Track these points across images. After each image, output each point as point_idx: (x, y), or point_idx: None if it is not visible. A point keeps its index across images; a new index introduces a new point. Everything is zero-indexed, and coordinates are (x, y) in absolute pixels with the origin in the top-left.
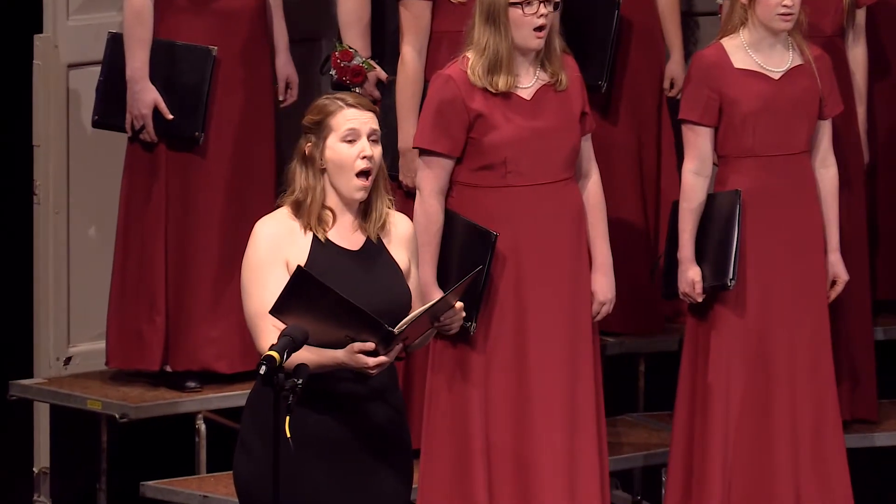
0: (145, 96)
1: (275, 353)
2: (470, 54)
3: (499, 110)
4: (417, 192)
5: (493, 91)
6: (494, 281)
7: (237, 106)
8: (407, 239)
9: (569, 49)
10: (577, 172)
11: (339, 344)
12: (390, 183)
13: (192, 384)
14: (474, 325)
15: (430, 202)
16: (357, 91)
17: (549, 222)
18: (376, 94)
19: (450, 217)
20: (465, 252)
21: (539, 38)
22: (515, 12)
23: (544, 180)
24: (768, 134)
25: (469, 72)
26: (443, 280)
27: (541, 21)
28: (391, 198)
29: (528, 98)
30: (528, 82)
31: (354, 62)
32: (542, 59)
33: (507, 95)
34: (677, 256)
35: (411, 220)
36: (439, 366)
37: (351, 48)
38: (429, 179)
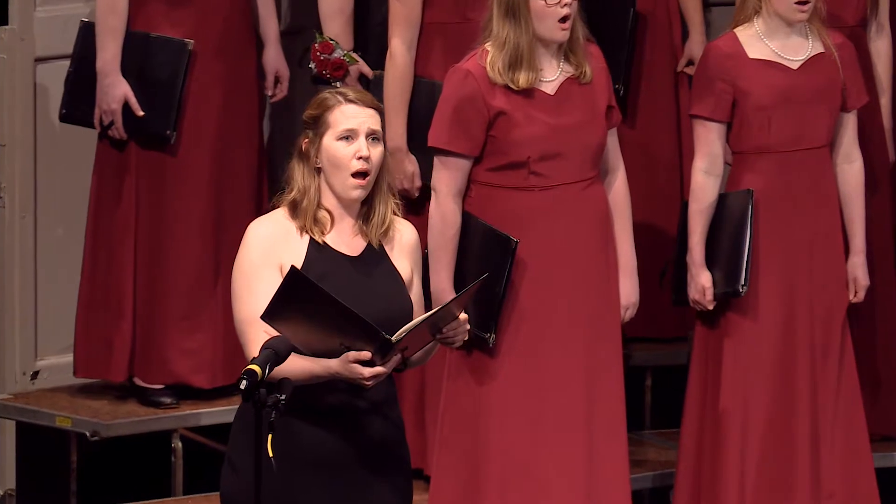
0: (115, 90)
1: (256, 367)
2: (489, 48)
3: (521, 107)
4: (433, 193)
5: (515, 88)
6: (514, 289)
7: (216, 103)
8: (411, 247)
9: (592, 37)
10: (602, 169)
11: (333, 353)
12: None
13: (167, 400)
14: (493, 336)
15: (446, 204)
16: (337, 85)
17: (574, 225)
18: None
19: (467, 220)
20: (484, 258)
21: (564, 29)
22: (537, 3)
23: (569, 180)
24: (786, 127)
25: (488, 67)
26: (459, 288)
27: (565, 11)
28: (398, 202)
29: (552, 93)
30: (552, 75)
31: (335, 55)
32: (566, 50)
33: (529, 91)
34: (686, 261)
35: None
36: (456, 374)
37: (332, 40)
38: (445, 180)
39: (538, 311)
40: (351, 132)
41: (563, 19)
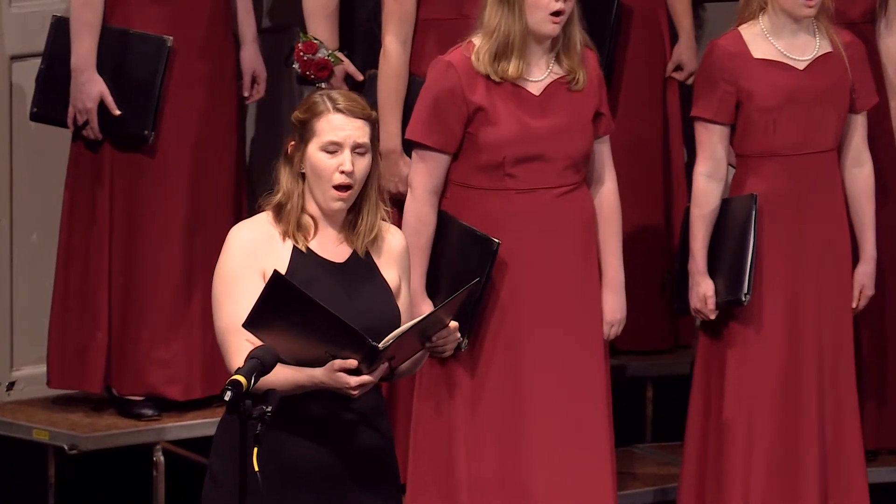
0: (91, 88)
1: (241, 378)
2: (476, 39)
3: (501, 104)
4: (409, 189)
5: (498, 80)
6: (489, 294)
7: (195, 103)
8: (399, 255)
9: (592, 44)
10: (590, 178)
11: (318, 362)
12: None
13: (148, 412)
14: (465, 341)
15: (422, 202)
16: (323, 86)
17: (551, 232)
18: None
19: (444, 220)
20: (461, 261)
21: (555, 23)
22: None
23: (547, 185)
24: (792, 131)
25: (473, 57)
26: (433, 291)
27: (558, 6)
28: (388, 209)
29: (537, 93)
30: (540, 75)
31: (319, 55)
32: (559, 50)
33: (512, 89)
34: (689, 268)
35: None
36: (426, 388)
37: (315, 39)
38: (421, 176)
39: (511, 319)
40: (335, 145)
41: (556, 14)
